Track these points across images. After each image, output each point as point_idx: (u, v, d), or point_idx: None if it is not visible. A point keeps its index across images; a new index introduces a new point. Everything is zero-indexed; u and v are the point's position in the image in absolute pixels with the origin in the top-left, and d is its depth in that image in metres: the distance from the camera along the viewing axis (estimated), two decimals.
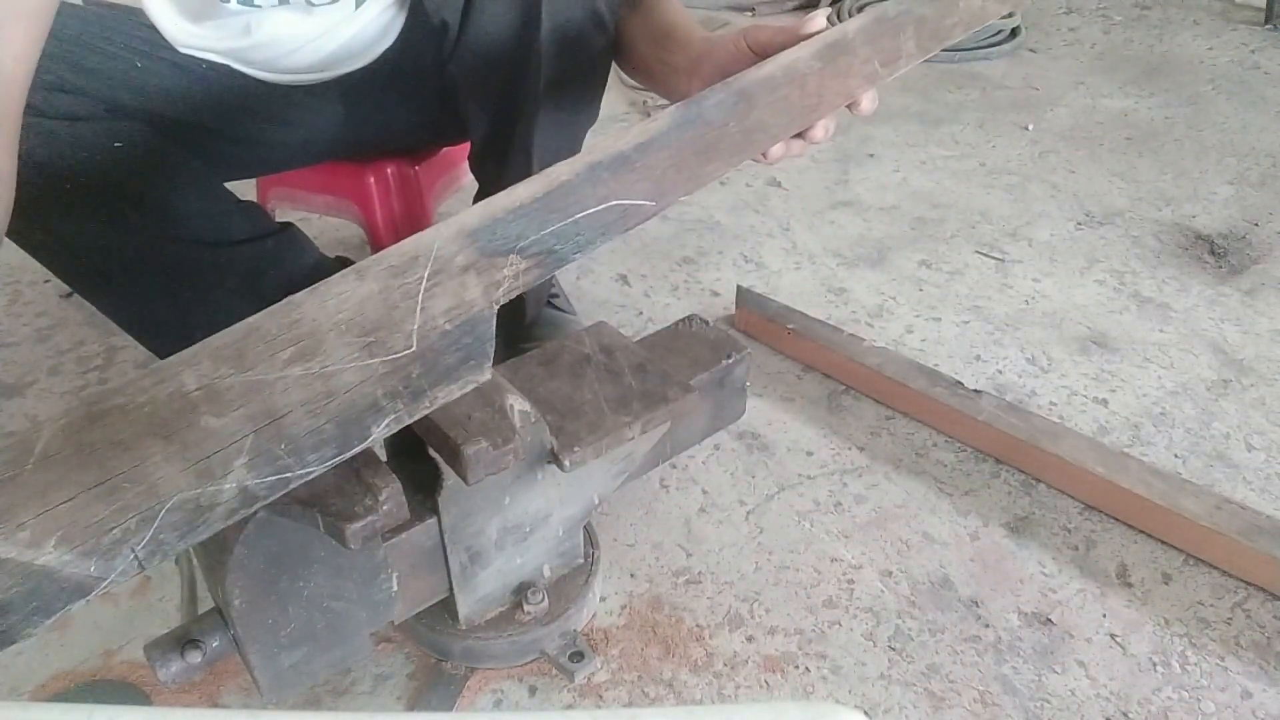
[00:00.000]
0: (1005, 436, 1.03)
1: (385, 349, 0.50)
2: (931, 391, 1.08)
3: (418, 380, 0.51)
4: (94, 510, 0.43)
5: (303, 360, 0.49)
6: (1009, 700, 0.80)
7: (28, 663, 0.83)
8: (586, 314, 1.26)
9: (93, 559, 0.43)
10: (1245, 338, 1.26)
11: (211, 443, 0.46)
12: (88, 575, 0.43)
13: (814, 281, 1.38)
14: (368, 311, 0.51)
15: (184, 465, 0.45)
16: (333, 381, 0.49)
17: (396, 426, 0.51)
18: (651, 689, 0.81)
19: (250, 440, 0.47)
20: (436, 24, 0.90)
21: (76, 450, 0.44)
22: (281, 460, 0.47)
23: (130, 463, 0.45)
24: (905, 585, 0.91)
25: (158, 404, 0.46)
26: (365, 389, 0.49)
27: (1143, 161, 1.74)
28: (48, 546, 0.42)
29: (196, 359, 0.49)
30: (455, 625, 0.79)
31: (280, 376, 0.48)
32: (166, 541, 0.45)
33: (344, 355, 0.49)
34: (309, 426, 0.48)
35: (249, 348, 0.49)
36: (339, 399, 0.48)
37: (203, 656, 0.66)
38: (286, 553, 0.64)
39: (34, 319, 1.31)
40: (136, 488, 0.44)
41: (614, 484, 0.82)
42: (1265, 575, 0.89)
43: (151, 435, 0.45)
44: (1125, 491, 0.95)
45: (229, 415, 0.47)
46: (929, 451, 1.07)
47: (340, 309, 0.51)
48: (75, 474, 0.44)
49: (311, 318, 0.50)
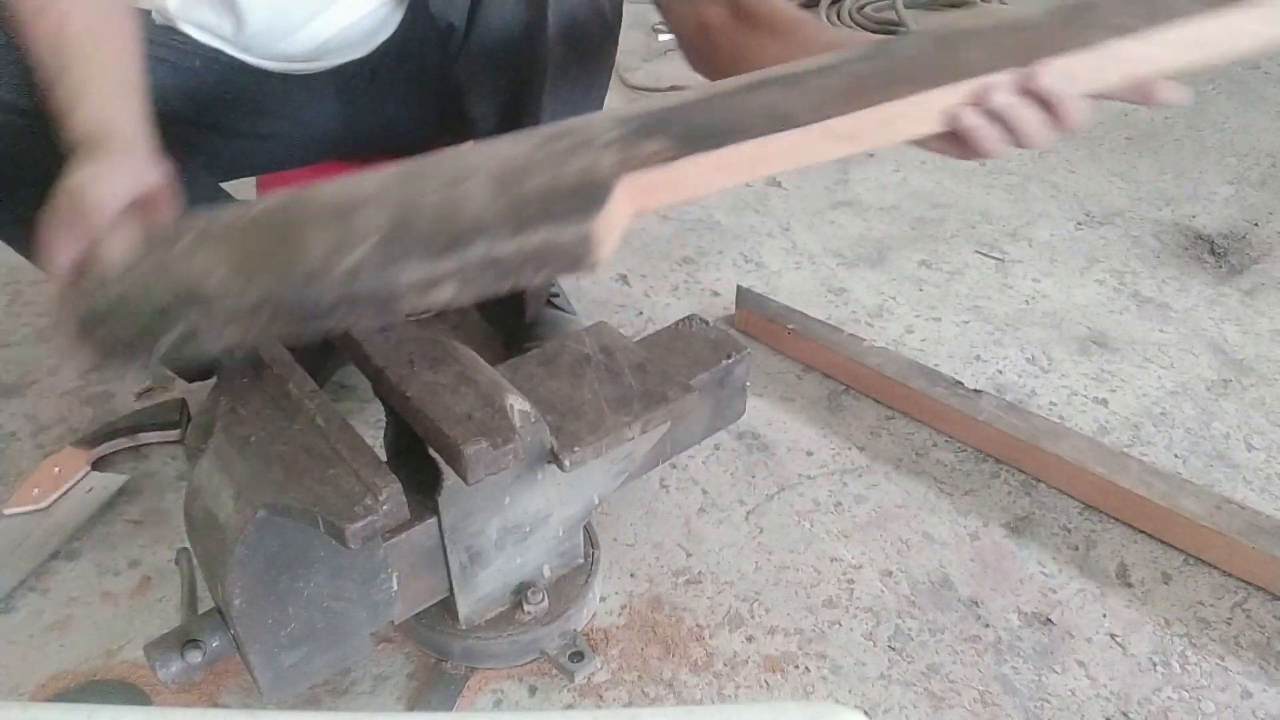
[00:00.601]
0: (1005, 436, 1.03)
1: (512, 192, 0.56)
2: (931, 391, 1.08)
3: (527, 218, 0.55)
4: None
5: (449, 188, 0.57)
6: (1009, 700, 0.80)
7: (28, 663, 0.83)
8: (586, 314, 1.26)
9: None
10: (1245, 338, 1.26)
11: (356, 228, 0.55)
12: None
13: (814, 281, 1.38)
14: (512, 163, 0.58)
15: (327, 240, 0.55)
16: (461, 206, 0.56)
17: (488, 250, 0.54)
18: (651, 689, 0.81)
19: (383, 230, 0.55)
20: (442, 26, 0.89)
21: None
22: (397, 255, 0.54)
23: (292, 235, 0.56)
24: (905, 585, 0.91)
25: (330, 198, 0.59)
26: (480, 216, 0.55)
27: (1143, 161, 1.74)
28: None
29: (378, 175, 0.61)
30: (455, 625, 0.79)
31: (427, 195, 0.57)
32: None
33: (477, 191, 0.57)
34: (426, 231, 0.55)
35: (414, 172, 0.60)
36: (456, 220, 0.55)
37: (203, 656, 0.66)
38: (286, 553, 0.64)
39: (34, 319, 1.31)
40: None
41: (614, 484, 0.82)
42: (1265, 575, 0.89)
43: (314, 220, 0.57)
44: (1125, 491, 0.95)
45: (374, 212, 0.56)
46: (929, 451, 1.07)
47: (493, 157, 0.59)
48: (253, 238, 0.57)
49: (469, 161, 0.60)
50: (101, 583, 0.91)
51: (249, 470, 0.64)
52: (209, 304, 0.53)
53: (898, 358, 1.14)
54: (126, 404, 1.14)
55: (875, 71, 0.60)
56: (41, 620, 0.87)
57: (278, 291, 0.53)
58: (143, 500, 1.00)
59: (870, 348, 1.16)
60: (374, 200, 0.57)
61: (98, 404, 1.14)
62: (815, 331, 1.19)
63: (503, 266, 0.54)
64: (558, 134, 0.60)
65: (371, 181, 0.60)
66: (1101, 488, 0.97)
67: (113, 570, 0.92)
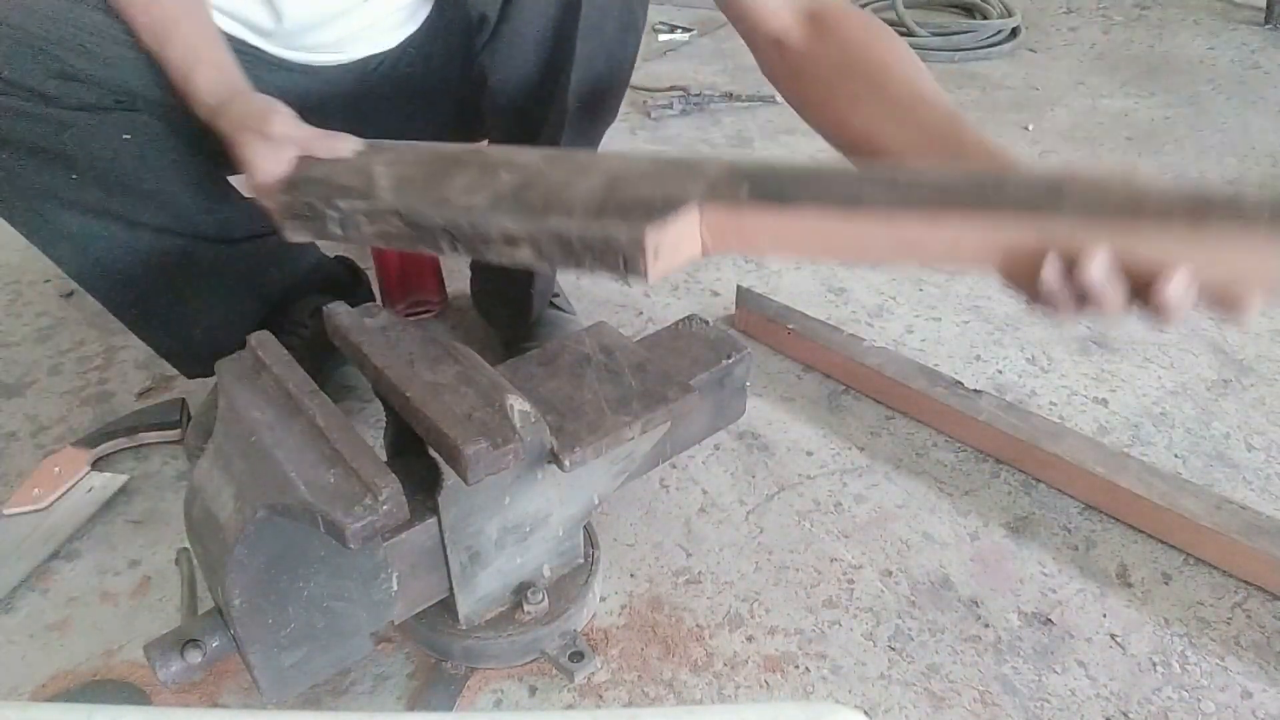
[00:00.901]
0: (1005, 436, 1.03)
1: (613, 190, 0.63)
2: (931, 391, 1.08)
3: (604, 211, 0.62)
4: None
5: (572, 174, 0.66)
6: (1009, 700, 0.80)
7: (28, 663, 0.83)
8: (586, 314, 1.26)
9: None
10: (1245, 338, 1.26)
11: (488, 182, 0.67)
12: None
13: (814, 281, 1.38)
14: (629, 171, 0.66)
15: (465, 183, 0.67)
16: (569, 189, 0.64)
17: (560, 227, 0.61)
18: (651, 689, 0.81)
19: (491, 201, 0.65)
20: (474, 17, 0.89)
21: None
22: (502, 209, 0.64)
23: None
24: (905, 585, 0.91)
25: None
26: (575, 200, 0.62)
27: (1143, 161, 1.74)
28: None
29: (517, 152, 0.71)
30: (455, 625, 0.79)
31: (553, 175, 0.67)
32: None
33: (590, 183, 0.65)
34: (531, 199, 0.64)
35: (560, 157, 0.70)
36: (557, 198, 0.63)
37: (203, 656, 0.66)
38: (286, 553, 0.64)
39: (34, 319, 1.31)
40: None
41: (614, 484, 0.82)
42: (1265, 575, 0.89)
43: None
44: (1125, 491, 0.95)
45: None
46: (929, 451, 1.07)
47: (620, 162, 0.68)
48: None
49: (602, 161, 0.69)
50: (101, 583, 0.91)
51: (249, 470, 0.64)
52: (367, 198, 0.67)
53: (898, 358, 1.14)
54: (126, 404, 1.14)
55: (974, 193, 0.56)
56: (41, 620, 0.87)
57: (411, 206, 0.65)
58: (143, 500, 1.00)
59: (870, 348, 1.16)
60: (517, 168, 0.68)
61: (98, 404, 1.14)
62: (815, 331, 1.19)
63: (568, 246, 0.61)
64: (681, 161, 0.66)
65: (526, 155, 0.70)
66: (1101, 487, 0.97)
67: (113, 570, 0.92)
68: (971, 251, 0.55)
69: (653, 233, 0.58)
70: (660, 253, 0.60)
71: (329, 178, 0.71)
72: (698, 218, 0.61)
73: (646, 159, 0.68)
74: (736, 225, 0.61)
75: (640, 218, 0.60)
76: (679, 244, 0.61)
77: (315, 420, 0.65)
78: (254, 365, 0.72)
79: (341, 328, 0.76)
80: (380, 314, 0.77)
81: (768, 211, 0.59)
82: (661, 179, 0.64)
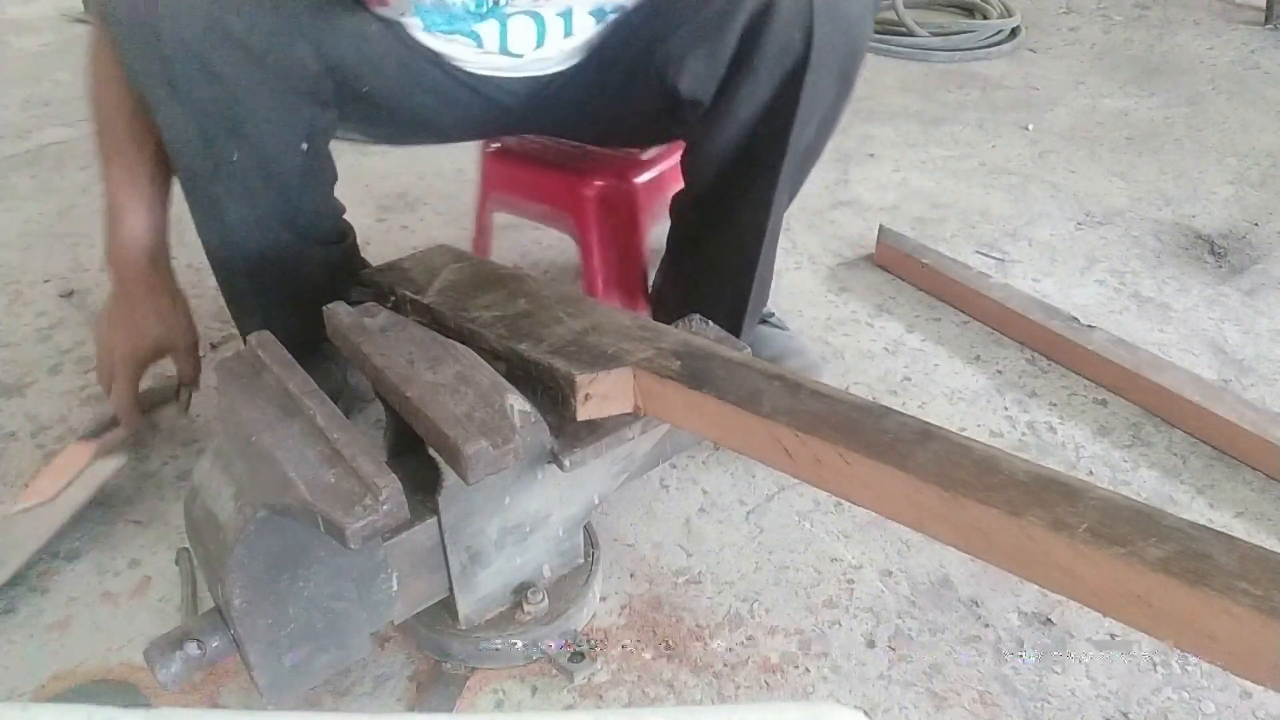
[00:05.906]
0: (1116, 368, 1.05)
1: (582, 335, 0.76)
2: (1049, 324, 1.21)
3: (559, 351, 0.74)
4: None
5: (564, 311, 0.80)
6: (1009, 700, 0.80)
7: (28, 663, 0.83)
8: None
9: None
10: (1245, 338, 1.26)
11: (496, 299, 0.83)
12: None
13: (814, 281, 1.38)
14: (605, 324, 0.77)
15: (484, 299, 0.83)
16: (551, 326, 0.77)
17: (527, 351, 0.74)
18: (651, 689, 0.81)
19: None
20: (685, 100, 0.89)
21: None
22: (489, 324, 0.79)
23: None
24: (905, 585, 0.91)
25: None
26: (546, 335, 0.76)
27: (1143, 161, 1.74)
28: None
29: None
30: (455, 625, 0.79)
31: (549, 310, 0.80)
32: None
33: (568, 324, 0.77)
34: (521, 325, 0.79)
35: (568, 297, 0.83)
36: (534, 329, 0.78)
37: (203, 657, 0.66)
38: (286, 553, 0.64)
39: (34, 319, 1.31)
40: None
41: (614, 484, 0.82)
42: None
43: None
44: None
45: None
46: None
47: (604, 316, 0.79)
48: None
49: (594, 310, 0.80)
50: (101, 583, 0.91)
51: (249, 470, 0.64)
52: (420, 292, 0.84)
53: (1018, 293, 1.28)
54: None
55: (857, 423, 0.62)
56: (41, 620, 0.87)
57: (439, 305, 0.81)
58: (143, 500, 1.00)
59: (995, 283, 1.30)
60: (533, 299, 0.82)
61: (98, 404, 1.14)
62: (946, 267, 1.34)
63: (528, 371, 0.73)
64: (651, 327, 0.77)
65: (549, 290, 0.84)
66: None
67: (113, 570, 0.92)
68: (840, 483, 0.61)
69: (584, 379, 0.69)
70: (591, 398, 0.69)
71: (407, 269, 0.88)
72: (631, 379, 0.70)
73: (630, 317, 0.78)
74: (660, 393, 0.70)
75: (583, 365, 0.70)
76: (610, 395, 0.71)
77: (315, 420, 0.65)
78: (254, 365, 0.72)
79: (341, 328, 0.76)
80: (380, 314, 0.77)
81: (680, 389, 0.68)
82: (625, 337, 0.74)
